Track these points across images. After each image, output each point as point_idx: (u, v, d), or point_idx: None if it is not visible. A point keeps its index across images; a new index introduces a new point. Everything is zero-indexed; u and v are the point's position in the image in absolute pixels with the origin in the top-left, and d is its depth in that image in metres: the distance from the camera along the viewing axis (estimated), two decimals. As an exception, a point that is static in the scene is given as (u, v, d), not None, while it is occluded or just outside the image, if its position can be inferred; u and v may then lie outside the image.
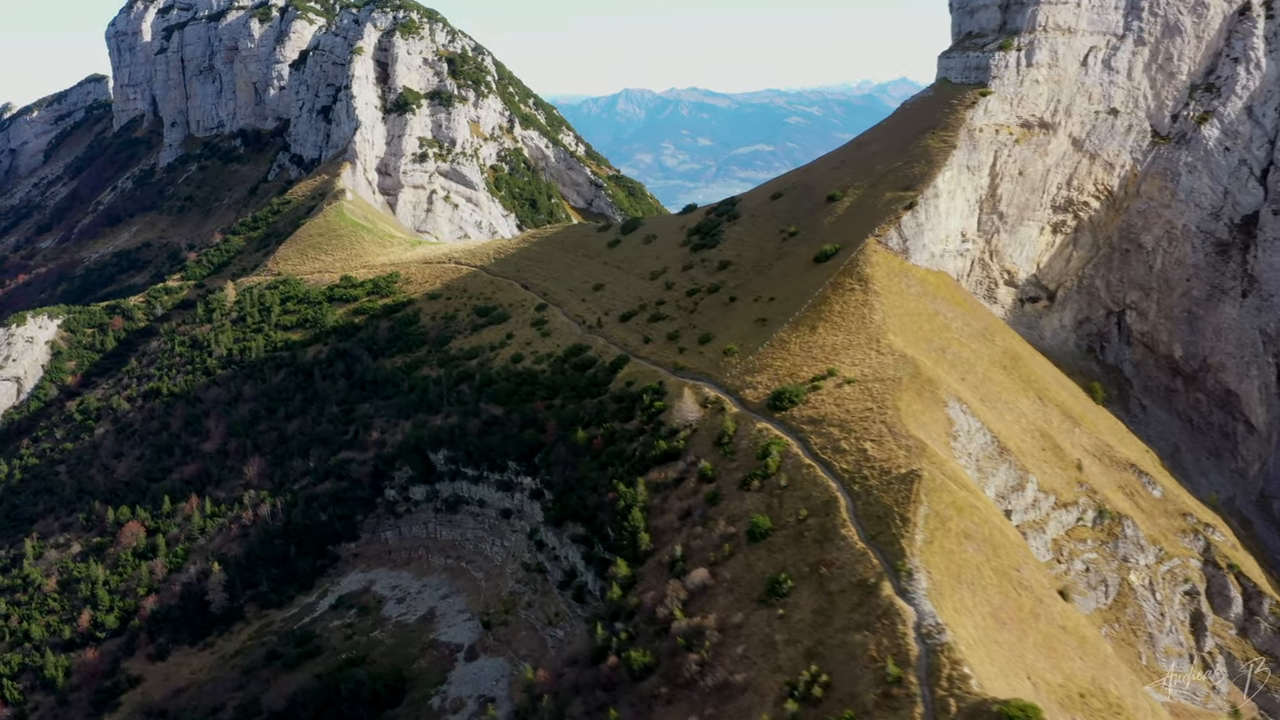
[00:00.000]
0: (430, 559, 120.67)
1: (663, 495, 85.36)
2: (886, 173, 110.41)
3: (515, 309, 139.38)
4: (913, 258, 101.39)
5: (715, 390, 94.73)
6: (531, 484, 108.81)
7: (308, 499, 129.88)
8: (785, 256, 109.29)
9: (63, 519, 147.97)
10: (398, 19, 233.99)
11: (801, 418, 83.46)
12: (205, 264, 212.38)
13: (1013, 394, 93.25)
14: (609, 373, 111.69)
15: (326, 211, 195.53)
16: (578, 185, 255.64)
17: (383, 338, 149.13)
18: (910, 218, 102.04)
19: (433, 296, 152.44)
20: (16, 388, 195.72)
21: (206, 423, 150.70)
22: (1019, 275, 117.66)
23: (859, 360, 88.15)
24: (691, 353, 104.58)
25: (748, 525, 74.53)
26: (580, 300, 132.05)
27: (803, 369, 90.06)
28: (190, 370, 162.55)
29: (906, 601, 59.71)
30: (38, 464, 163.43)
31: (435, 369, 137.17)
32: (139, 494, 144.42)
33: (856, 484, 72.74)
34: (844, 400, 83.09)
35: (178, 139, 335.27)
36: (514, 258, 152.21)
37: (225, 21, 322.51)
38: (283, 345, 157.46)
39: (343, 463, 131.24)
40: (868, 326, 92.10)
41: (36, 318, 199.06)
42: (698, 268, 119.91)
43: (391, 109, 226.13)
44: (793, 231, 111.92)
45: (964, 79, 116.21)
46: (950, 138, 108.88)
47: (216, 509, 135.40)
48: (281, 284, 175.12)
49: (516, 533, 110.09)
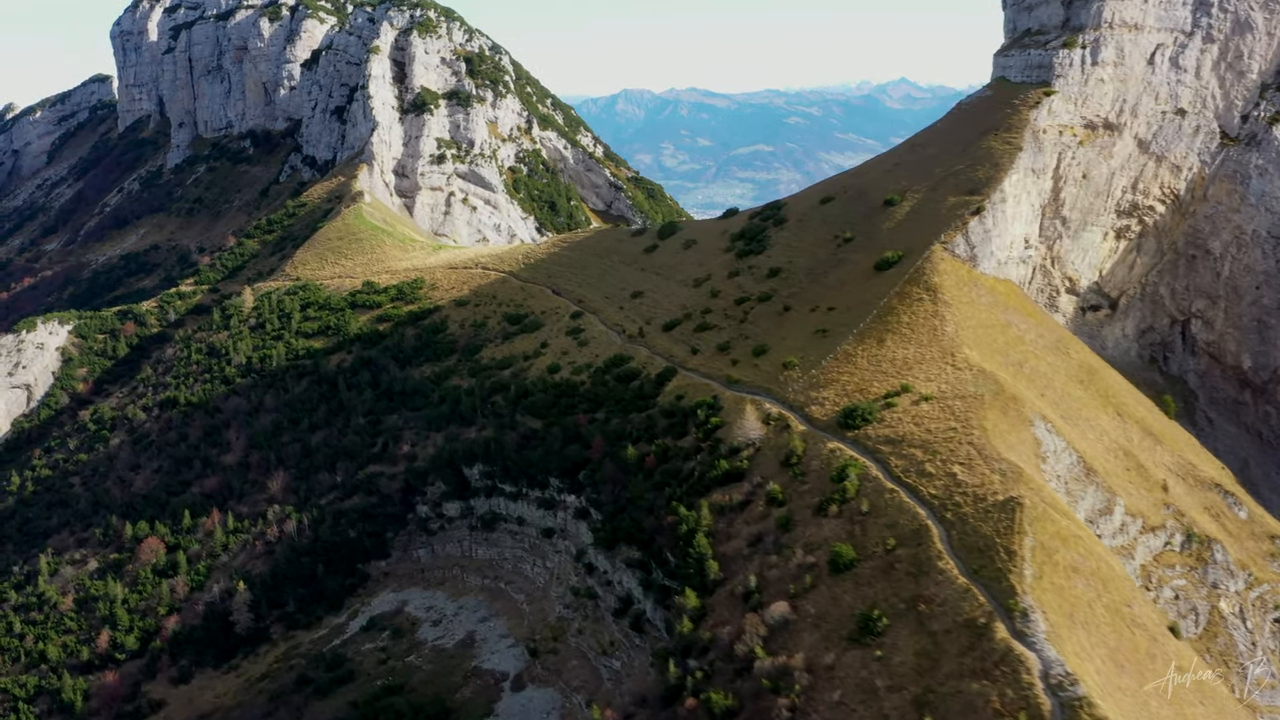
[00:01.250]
0: (466, 579, 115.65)
1: (728, 519, 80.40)
2: (947, 176, 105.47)
3: (549, 317, 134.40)
4: (980, 265, 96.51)
5: (777, 406, 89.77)
6: (576, 502, 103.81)
7: (335, 515, 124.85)
8: (842, 264, 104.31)
9: (78, 533, 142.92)
10: (415, 17, 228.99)
11: (877, 437, 78.52)
12: (219, 268, 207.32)
13: (1092, 410, 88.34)
14: (656, 385, 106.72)
15: (345, 214, 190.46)
16: (597, 187, 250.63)
17: (409, 346, 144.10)
18: (978, 223, 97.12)
19: (460, 303, 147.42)
20: (26, 395, 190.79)
21: (226, 434, 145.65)
22: (1080, 283, 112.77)
23: (934, 375, 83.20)
24: (746, 365, 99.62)
25: (829, 555, 69.57)
26: (618, 308, 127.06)
27: (873, 384, 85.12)
28: (208, 379, 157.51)
29: (1026, 646, 54.72)
30: (51, 475, 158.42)
31: (466, 379, 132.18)
32: (158, 508, 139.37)
33: (949, 511, 67.77)
34: (923, 419, 78.14)
35: (185, 140, 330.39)
36: (545, 263, 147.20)
37: (234, 20, 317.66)
38: (304, 353, 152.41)
39: (371, 477, 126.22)
40: (940, 339, 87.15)
41: (47, 323, 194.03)
42: (745, 275, 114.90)
43: (409, 109, 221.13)
44: (848, 237, 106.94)
45: (1024, 78, 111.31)
46: (1015, 139, 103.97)
47: (239, 525, 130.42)
48: (301, 289, 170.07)
49: (560, 553, 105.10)
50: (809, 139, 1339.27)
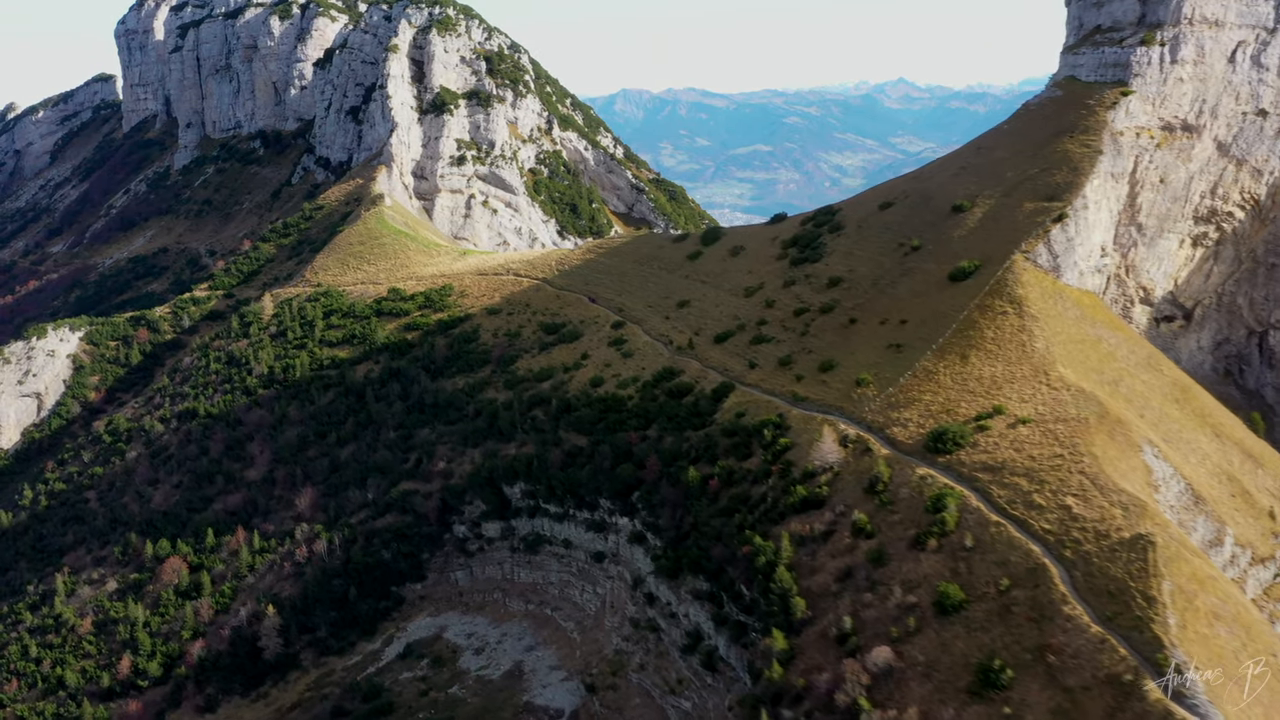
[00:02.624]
0: (508, 604, 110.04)
1: (809, 550, 74.78)
2: (1021, 180, 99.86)
3: (588, 326, 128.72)
4: (1064, 276, 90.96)
5: (853, 427, 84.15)
6: (630, 526, 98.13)
7: (368, 535, 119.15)
8: (911, 274, 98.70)
9: (95, 552, 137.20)
10: (434, 15, 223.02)
11: (973, 464, 72.92)
12: (234, 273, 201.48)
13: (1191, 432, 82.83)
14: (712, 402, 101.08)
15: (366, 218, 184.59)
16: (618, 189, 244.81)
17: (440, 356, 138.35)
18: (1060, 231, 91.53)
19: (492, 311, 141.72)
20: (37, 404, 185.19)
21: (249, 447, 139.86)
22: (1155, 292, 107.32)
23: (1028, 396, 77.63)
24: (812, 381, 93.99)
25: (933, 595, 63.95)
26: (663, 318, 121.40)
27: (961, 405, 79.54)
28: (228, 389, 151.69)
29: (1188, 710, 49.16)
30: (65, 489, 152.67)
31: (502, 392, 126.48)
32: (178, 525, 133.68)
33: (1067, 549, 62.15)
34: (1023, 444, 72.56)
35: (193, 140, 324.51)
36: (580, 270, 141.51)
37: (243, 19, 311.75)
38: (329, 363, 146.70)
39: (405, 495, 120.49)
40: (1030, 356, 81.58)
41: (57, 330, 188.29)
42: (802, 284, 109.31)
43: (428, 110, 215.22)
44: (915, 245, 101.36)
45: (1098, 77, 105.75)
46: (1093, 142, 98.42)
47: (266, 544, 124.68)
48: (323, 296, 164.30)
49: (612, 579, 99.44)
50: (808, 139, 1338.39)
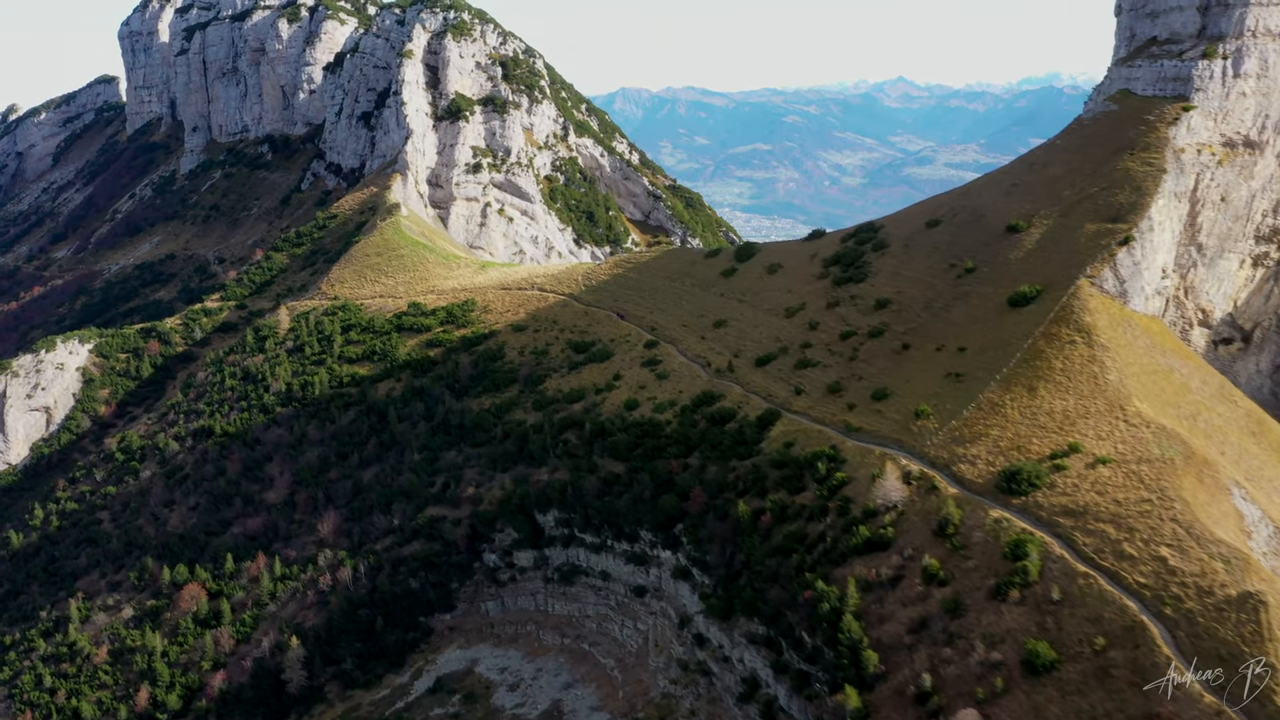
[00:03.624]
0: (542, 637, 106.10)
1: (876, 597, 70.90)
2: (1080, 200, 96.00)
3: (619, 345, 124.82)
4: (1131, 302, 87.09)
5: (915, 462, 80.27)
6: (673, 560, 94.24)
7: (394, 562, 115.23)
8: (965, 297, 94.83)
9: (110, 576, 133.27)
10: (448, 20, 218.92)
11: (1052, 507, 69.03)
12: (246, 283, 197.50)
13: (1272, 468, 79.02)
14: (757, 430, 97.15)
15: (382, 228, 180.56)
16: (635, 196, 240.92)
17: (465, 374, 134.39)
18: (1126, 255, 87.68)
19: (518, 328, 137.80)
20: (46, 418, 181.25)
21: (268, 468, 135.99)
22: (1214, 315, 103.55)
23: (1105, 433, 73.75)
24: (865, 411, 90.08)
25: (1020, 652, 60.05)
26: (699, 338, 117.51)
27: (1032, 441, 75.64)
28: (245, 407, 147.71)
29: (1328, 798, 45.39)
30: (77, 509, 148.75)
31: (531, 413, 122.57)
32: (196, 550, 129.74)
33: (1167, 606, 58.29)
34: (1105, 486, 68.67)
35: (199, 144, 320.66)
36: (608, 285, 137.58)
37: (250, 21, 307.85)
38: (349, 380, 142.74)
39: (433, 521, 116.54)
40: (1104, 389, 77.69)
41: (66, 342, 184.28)
42: (846, 305, 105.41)
43: (442, 116, 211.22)
44: (969, 268, 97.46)
45: (1156, 91, 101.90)
46: (1156, 160, 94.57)
47: (287, 570, 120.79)
48: (340, 309, 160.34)
49: (655, 615, 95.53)
50: (807, 138, 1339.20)
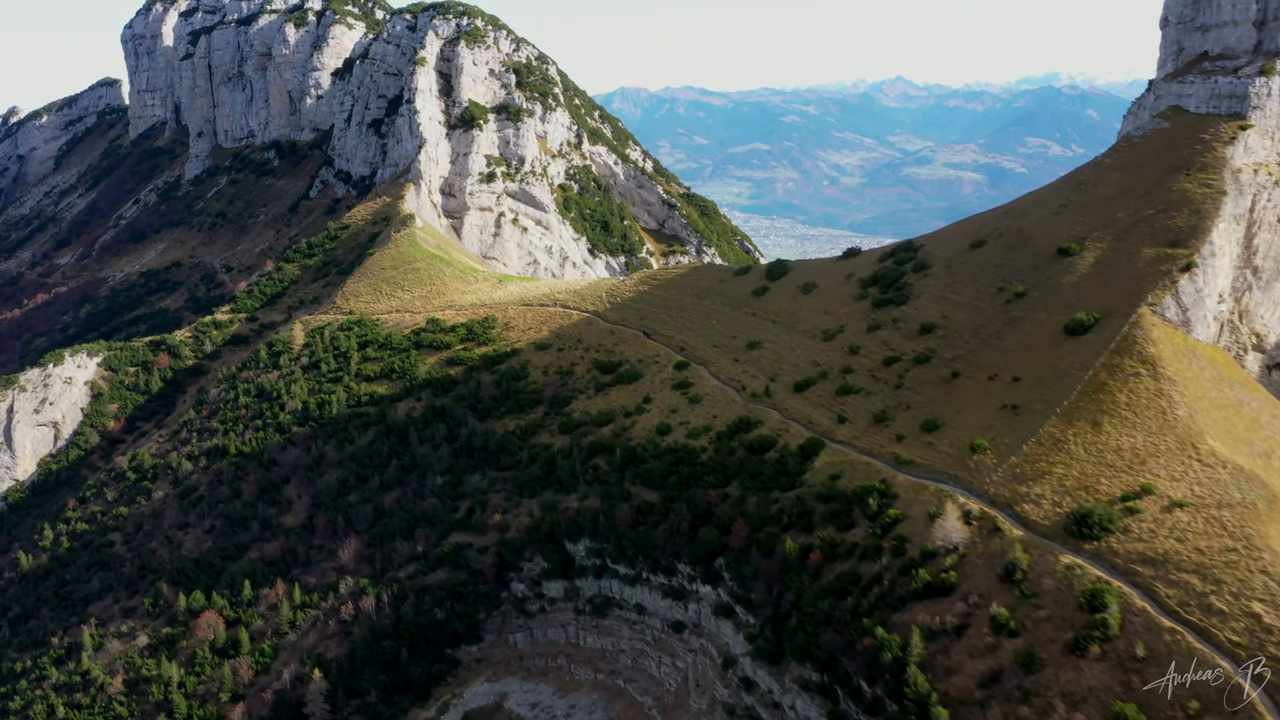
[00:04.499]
0: (574, 671, 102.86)
1: (942, 646, 67.61)
2: (1135, 222, 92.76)
3: (647, 366, 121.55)
4: (1194, 331, 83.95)
5: (974, 500, 77.00)
6: (714, 596, 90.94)
7: (418, 591, 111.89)
8: (1016, 323, 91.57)
9: (124, 602, 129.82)
10: (461, 26, 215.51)
11: (1128, 554, 65.77)
12: (257, 295, 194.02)
13: (1348, 508, 75.57)
14: (800, 460, 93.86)
15: (397, 240, 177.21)
16: (649, 205, 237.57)
17: (487, 394, 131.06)
18: (1188, 281, 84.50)
19: (541, 346, 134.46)
20: (54, 433, 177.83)
21: (285, 490, 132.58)
22: (1269, 339, 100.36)
23: (1179, 473, 70.52)
24: (915, 442, 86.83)
25: (1105, 713, 56.84)
26: (732, 360, 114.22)
27: (1100, 481, 72.38)
28: (260, 426, 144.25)
29: None
30: (88, 530, 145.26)
31: (557, 436, 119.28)
32: (212, 575, 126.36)
33: (1265, 667, 55.08)
34: (1185, 533, 65.42)
35: (205, 149, 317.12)
36: (634, 302, 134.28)
37: (256, 26, 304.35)
38: (367, 399, 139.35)
39: (458, 548, 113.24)
40: (1173, 425, 74.47)
41: (75, 356, 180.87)
42: (888, 329, 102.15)
43: (456, 124, 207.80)
44: (1019, 292, 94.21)
45: (1209, 109, 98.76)
46: (1214, 181, 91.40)
47: (307, 598, 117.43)
48: (356, 325, 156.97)
49: (695, 653, 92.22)
50: (806, 138, 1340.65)
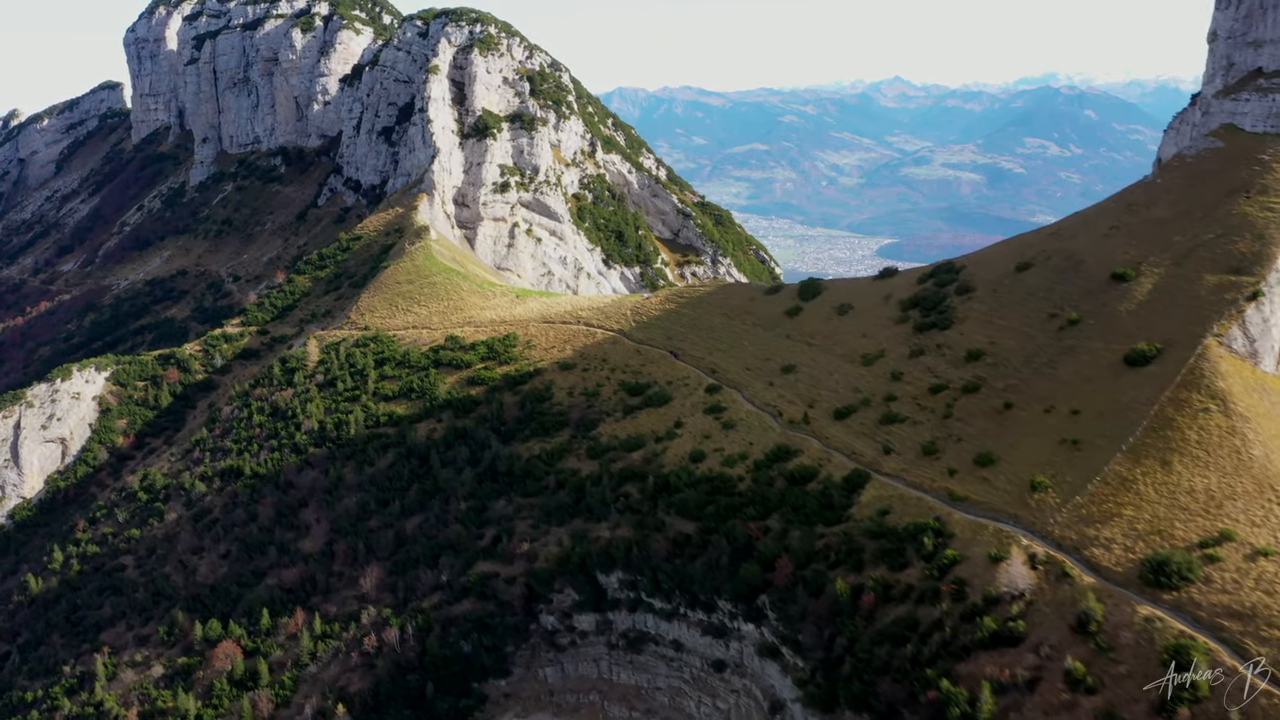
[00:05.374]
0: (607, 708, 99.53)
1: (1012, 700, 64.27)
2: (1194, 247, 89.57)
3: (677, 389, 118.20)
4: (1261, 363, 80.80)
5: (1037, 542, 73.67)
6: (758, 635, 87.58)
7: (444, 623, 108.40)
8: (1071, 352, 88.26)
9: (137, 629, 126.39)
10: (474, 34, 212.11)
11: (1211, 606, 62.46)
12: (268, 307, 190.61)
13: None
14: (845, 492, 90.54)
15: (412, 253, 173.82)
16: (663, 214, 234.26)
17: (510, 416, 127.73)
18: (1255, 311, 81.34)
19: (565, 366, 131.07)
20: (62, 450, 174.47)
21: (303, 514, 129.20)
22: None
23: (1259, 518, 67.26)
24: (968, 477, 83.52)
25: (1201, 786, 53.66)
26: (766, 384, 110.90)
27: (1175, 526, 69.08)
28: (275, 446, 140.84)
29: None
30: (99, 553, 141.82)
31: (585, 461, 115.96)
32: (228, 603, 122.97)
33: (1375, 739, 51.86)
34: (1273, 584, 62.10)
35: (209, 155, 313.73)
36: (660, 321, 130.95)
37: (262, 30, 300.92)
38: (386, 419, 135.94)
39: (485, 578, 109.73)
40: (1249, 466, 71.24)
41: (83, 370, 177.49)
42: (933, 355, 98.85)
43: (469, 133, 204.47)
44: (1072, 319, 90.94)
45: (1267, 128, 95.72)
46: (1276, 204, 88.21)
47: (328, 628, 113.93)
48: (372, 341, 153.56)
49: (738, 694, 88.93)
50: (804, 138, 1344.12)
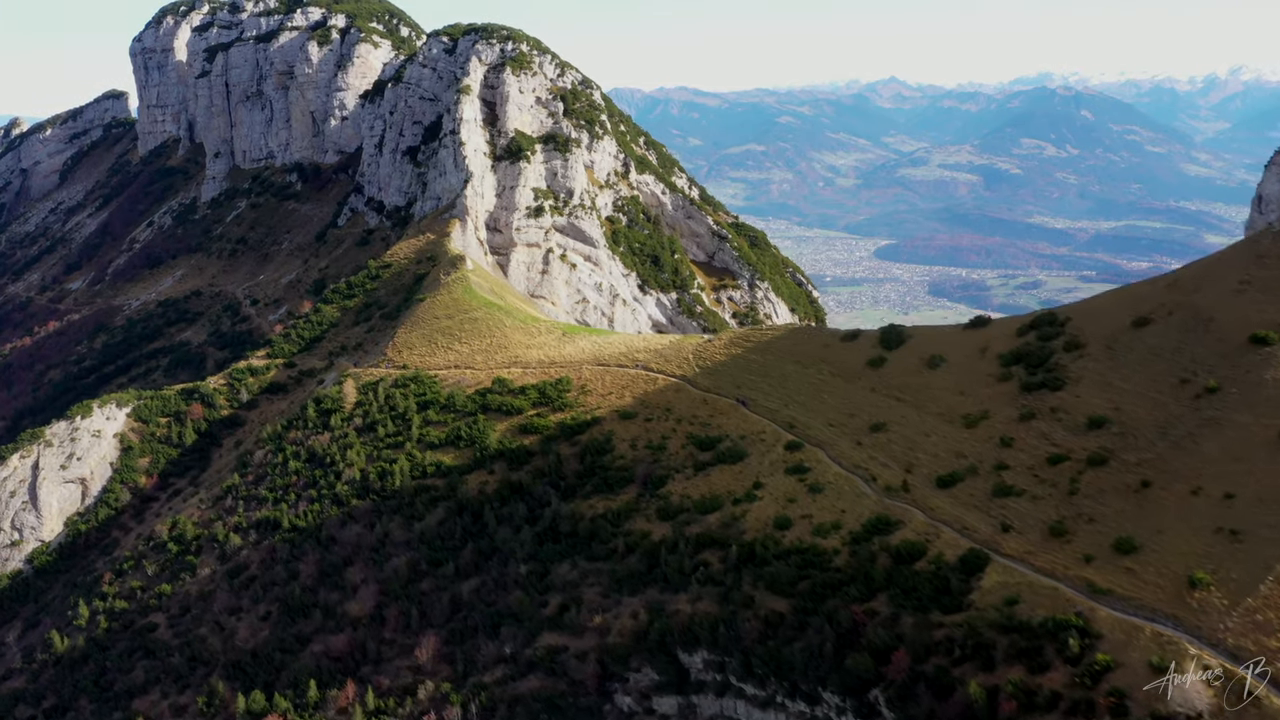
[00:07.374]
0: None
1: (1201, 847, 57.14)
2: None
3: (752, 444, 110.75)
4: None
5: (1206, 651, 66.30)
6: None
7: (510, 701, 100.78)
8: (1214, 425, 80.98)
9: (173, 698, 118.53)
10: (506, 52, 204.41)
11: None
12: (294, 339, 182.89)
13: None
14: (962, 575, 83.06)
15: (449, 285, 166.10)
16: (698, 236, 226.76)
17: (569, 469, 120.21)
18: None
19: (625, 415, 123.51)
20: (82, 491, 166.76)
21: (348, 574, 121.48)
22: None
23: None
24: (1108, 566, 76.10)
25: None
26: (853, 443, 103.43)
27: (1371, 640, 61.82)
28: (315, 497, 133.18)
29: None
30: (127, 609, 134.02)
31: (655, 523, 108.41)
32: (271, 671, 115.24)
33: None
34: None
35: (221, 171, 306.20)
36: (726, 367, 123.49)
37: (277, 43, 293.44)
38: (434, 470, 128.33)
39: (552, 652, 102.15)
40: None
41: (104, 407, 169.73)
42: (1046, 419, 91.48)
43: (501, 156, 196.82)
44: (1211, 387, 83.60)
45: None
46: None
47: (382, 703, 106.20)
48: (412, 381, 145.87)
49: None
50: (801, 138, 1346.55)
